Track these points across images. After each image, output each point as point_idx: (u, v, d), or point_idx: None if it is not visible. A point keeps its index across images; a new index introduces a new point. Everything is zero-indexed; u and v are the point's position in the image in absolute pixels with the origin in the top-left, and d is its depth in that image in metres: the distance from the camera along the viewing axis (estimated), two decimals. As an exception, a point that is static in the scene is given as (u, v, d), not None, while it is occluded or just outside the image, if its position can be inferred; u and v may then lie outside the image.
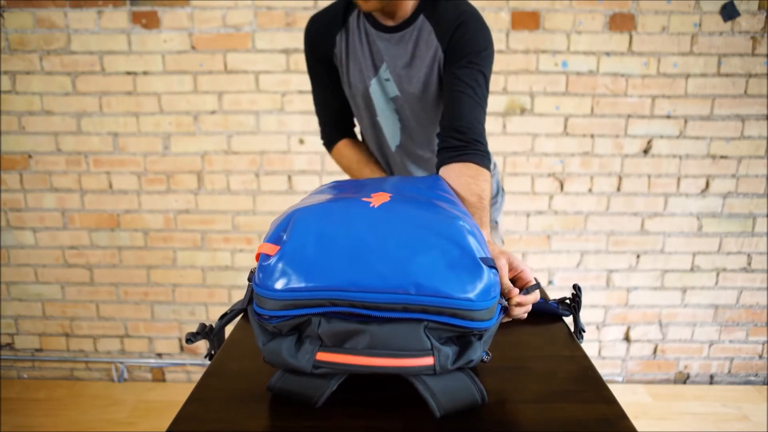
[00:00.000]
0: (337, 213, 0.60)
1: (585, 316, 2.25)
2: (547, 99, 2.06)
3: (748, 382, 2.32)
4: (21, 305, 2.29)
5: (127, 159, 2.13)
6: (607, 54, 2.02)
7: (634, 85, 2.04)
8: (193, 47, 2.03)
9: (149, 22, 2.01)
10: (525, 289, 0.74)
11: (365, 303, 0.55)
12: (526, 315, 0.75)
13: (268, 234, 0.61)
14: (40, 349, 2.34)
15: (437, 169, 1.03)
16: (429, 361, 0.56)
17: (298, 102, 2.06)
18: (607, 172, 2.12)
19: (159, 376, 2.35)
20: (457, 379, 0.59)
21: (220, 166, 2.13)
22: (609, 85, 2.05)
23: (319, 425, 0.59)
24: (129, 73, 2.06)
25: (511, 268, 0.77)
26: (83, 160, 2.14)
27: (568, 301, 0.86)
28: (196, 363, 2.33)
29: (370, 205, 0.62)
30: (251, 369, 0.70)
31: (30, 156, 2.14)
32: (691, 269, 2.21)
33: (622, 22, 1.99)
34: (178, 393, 2.25)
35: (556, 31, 2.00)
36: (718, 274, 2.22)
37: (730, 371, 2.31)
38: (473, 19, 1.03)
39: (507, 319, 0.74)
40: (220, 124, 2.09)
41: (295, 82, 2.05)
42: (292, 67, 2.04)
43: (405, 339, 0.56)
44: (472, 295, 0.56)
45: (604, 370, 2.31)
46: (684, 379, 2.33)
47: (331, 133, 1.24)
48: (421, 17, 1.06)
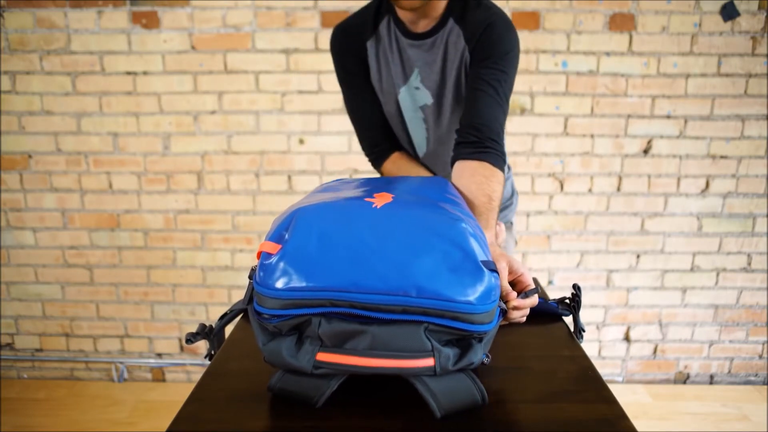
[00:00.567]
0: (339, 212, 0.60)
1: (585, 316, 2.25)
2: (547, 99, 2.06)
3: (748, 382, 2.32)
4: (21, 305, 2.29)
5: (127, 159, 2.13)
6: (607, 54, 2.02)
7: (634, 85, 2.04)
8: (193, 47, 2.03)
9: (149, 22, 2.01)
10: (524, 292, 0.74)
11: (365, 304, 0.55)
12: (524, 319, 0.75)
13: (270, 232, 0.61)
14: (40, 349, 2.34)
15: (452, 163, 1.02)
16: (429, 362, 0.56)
17: (298, 102, 2.06)
18: (607, 172, 2.12)
19: (159, 376, 2.35)
20: (458, 380, 0.59)
21: (220, 166, 2.13)
22: (609, 85, 2.05)
23: (319, 425, 0.59)
24: (129, 73, 2.06)
25: (510, 271, 0.76)
26: (83, 160, 2.14)
27: (567, 301, 0.86)
28: (196, 363, 2.33)
29: (373, 205, 0.62)
30: (251, 369, 0.70)
31: (30, 156, 2.14)
32: (691, 269, 2.21)
33: (622, 22, 1.99)
34: (178, 393, 2.25)
35: (556, 31, 2.00)
36: (718, 274, 2.22)
37: (730, 371, 2.31)
38: (501, 20, 1.03)
39: (504, 323, 0.74)
40: (220, 124, 2.09)
41: (295, 82, 2.05)
42: (292, 67, 2.04)
43: (405, 340, 0.56)
44: (472, 298, 0.56)
45: (604, 370, 2.31)
46: (684, 379, 2.33)
47: (382, 145, 1.18)
48: (451, 21, 1.05)
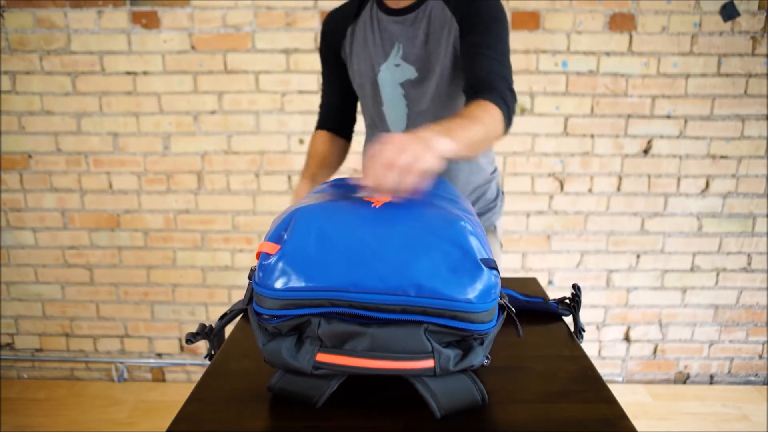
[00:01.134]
0: (338, 212, 0.60)
1: (585, 316, 2.25)
2: (547, 99, 2.06)
3: (748, 382, 2.32)
4: (21, 305, 2.29)
5: (127, 159, 2.13)
6: (607, 54, 2.02)
7: (634, 85, 2.04)
8: (193, 47, 2.03)
9: (149, 22, 2.01)
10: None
11: (364, 304, 0.55)
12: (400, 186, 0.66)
13: (269, 233, 0.61)
14: (40, 349, 2.34)
15: None
16: (429, 363, 0.56)
17: (298, 102, 2.06)
18: (607, 172, 2.12)
19: (159, 376, 2.35)
20: (458, 380, 0.59)
21: (220, 166, 2.13)
22: (609, 85, 2.05)
23: (319, 425, 0.59)
24: (129, 73, 2.06)
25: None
26: (83, 160, 2.14)
27: (567, 301, 0.86)
28: (196, 363, 2.33)
29: (372, 205, 0.62)
30: (251, 369, 0.70)
31: (30, 156, 2.14)
32: (691, 269, 2.21)
33: (622, 22, 1.99)
34: (178, 393, 2.25)
35: (556, 31, 2.00)
36: (718, 274, 2.22)
37: (730, 371, 2.31)
38: None
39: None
40: (220, 124, 2.09)
41: (295, 82, 2.05)
42: (292, 67, 2.04)
43: (405, 341, 0.56)
44: (472, 296, 0.55)
45: (604, 370, 2.31)
46: (684, 379, 2.33)
47: (320, 121, 1.26)
48: None
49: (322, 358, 0.57)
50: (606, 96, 2.05)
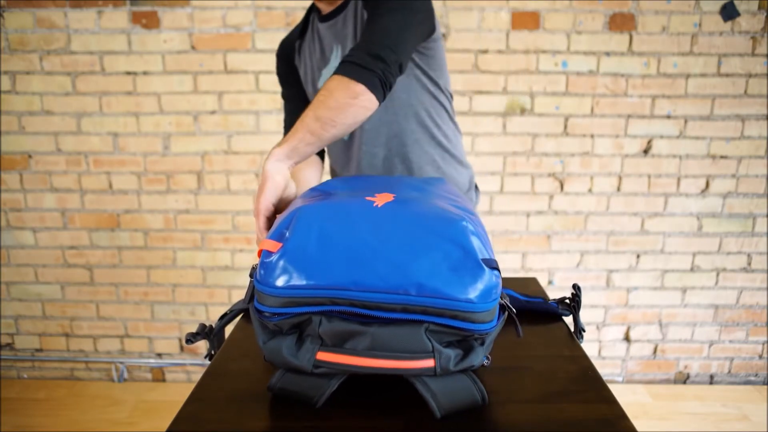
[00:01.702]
0: (340, 212, 0.60)
1: (585, 316, 2.25)
2: (547, 99, 2.06)
3: (748, 382, 2.32)
4: (21, 305, 2.29)
5: (127, 159, 2.13)
6: (607, 54, 2.02)
7: (634, 85, 2.04)
8: (193, 47, 2.03)
9: (149, 22, 2.01)
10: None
11: (365, 302, 0.55)
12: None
13: (271, 231, 0.61)
14: (40, 349, 2.34)
15: None
16: (430, 363, 0.56)
17: (298, 102, 2.06)
18: (607, 172, 2.12)
19: (159, 376, 2.35)
20: (458, 380, 0.59)
21: (220, 166, 2.13)
22: (609, 85, 2.05)
23: (319, 425, 0.59)
24: (129, 73, 2.06)
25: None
26: (83, 160, 2.14)
27: (567, 301, 0.86)
28: (196, 363, 2.33)
29: (374, 204, 0.62)
30: (251, 369, 0.70)
31: (30, 156, 2.14)
32: (691, 269, 2.21)
33: (622, 22, 1.99)
34: (178, 393, 2.25)
35: (556, 31, 2.00)
36: (718, 274, 2.22)
37: (730, 371, 2.31)
38: None
39: None
40: (220, 124, 2.09)
41: (295, 82, 2.05)
42: (292, 67, 2.04)
43: (406, 341, 0.56)
44: (473, 296, 0.56)
45: (604, 370, 2.31)
46: (684, 379, 2.33)
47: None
48: None
49: (323, 356, 0.58)
50: (606, 96, 2.05)
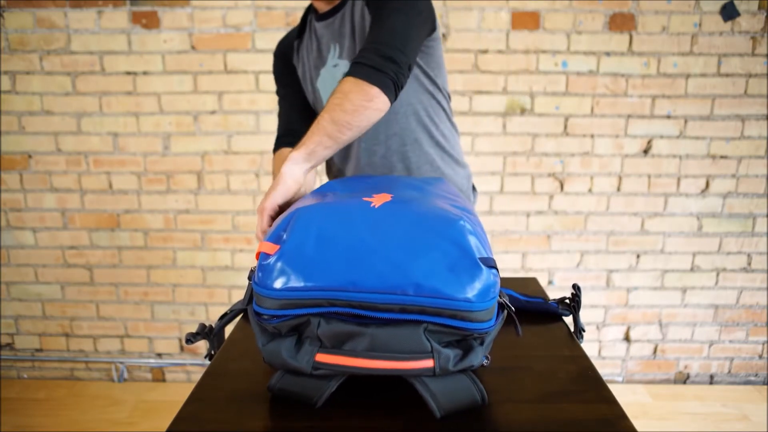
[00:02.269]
0: (338, 213, 0.60)
1: (585, 316, 2.25)
2: (547, 99, 2.06)
3: (748, 382, 2.32)
4: (21, 305, 2.29)
5: (127, 159, 2.13)
6: (607, 54, 2.02)
7: (634, 85, 2.04)
8: (193, 47, 2.03)
9: (149, 22, 2.01)
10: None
11: (363, 303, 0.55)
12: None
13: (269, 233, 0.61)
14: (40, 349, 2.34)
15: None
16: (429, 363, 0.56)
17: (298, 102, 2.06)
18: (607, 172, 2.12)
19: (159, 376, 2.35)
20: (458, 380, 0.59)
21: (220, 166, 2.13)
22: (609, 85, 2.05)
23: (319, 425, 0.59)
24: (129, 73, 2.06)
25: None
26: (83, 160, 2.14)
27: (567, 300, 0.86)
28: (196, 363, 2.33)
29: (371, 205, 0.62)
30: (251, 369, 0.70)
31: (30, 156, 2.14)
32: (691, 269, 2.21)
33: (622, 22, 1.99)
34: (178, 393, 2.25)
35: (556, 31, 2.00)
36: (718, 274, 2.22)
37: (730, 371, 2.31)
38: None
39: None
40: (220, 124, 2.09)
41: (295, 82, 2.05)
42: (292, 67, 2.04)
43: (405, 341, 0.56)
44: (471, 295, 0.56)
45: (604, 370, 2.31)
46: (684, 379, 2.33)
47: (279, 140, 1.22)
48: None
49: (322, 358, 0.58)
50: (606, 96, 2.05)
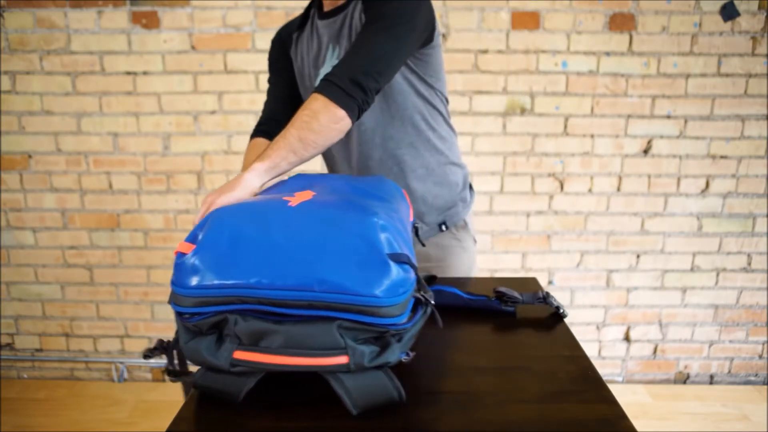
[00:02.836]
0: (253, 212, 0.63)
1: (585, 316, 2.25)
2: (547, 99, 2.06)
3: (748, 382, 2.32)
4: (21, 305, 2.29)
5: (127, 159, 2.13)
6: (607, 54, 2.02)
7: (634, 85, 2.04)
8: (193, 47, 2.03)
9: (149, 22, 2.01)
10: None
11: (272, 300, 0.57)
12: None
13: (188, 234, 0.63)
14: (40, 349, 2.34)
15: None
16: (343, 359, 0.57)
17: (298, 102, 2.06)
18: (607, 172, 2.12)
19: (159, 376, 2.35)
20: (374, 378, 0.60)
21: (220, 166, 2.13)
22: (609, 85, 2.05)
23: (319, 425, 0.59)
24: (129, 73, 2.06)
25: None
26: (83, 160, 2.14)
27: (506, 299, 0.86)
28: (196, 363, 2.33)
29: (288, 203, 0.64)
30: (251, 369, 0.70)
31: (30, 156, 2.14)
32: (691, 269, 2.21)
33: (622, 22, 1.99)
34: (178, 393, 2.25)
35: (556, 31, 2.00)
36: (718, 274, 2.22)
37: (730, 371, 2.31)
38: None
39: None
40: (220, 124, 2.09)
41: (295, 82, 2.05)
42: (292, 67, 2.04)
43: (319, 338, 0.57)
44: (378, 291, 0.56)
45: (604, 370, 2.31)
46: (684, 379, 2.33)
47: (259, 126, 1.22)
48: None
49: (239, 355, 0.59)
50: (606, 96, 2.05)
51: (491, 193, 2.14)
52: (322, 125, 0.90)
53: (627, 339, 2.29)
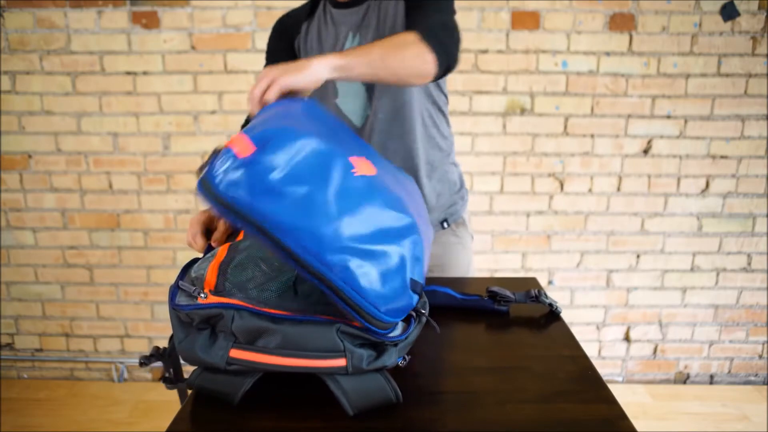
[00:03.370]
0: (321, 158, 0.57)
1: (585, 316, 2.25)
2: (547, 99, 2.06)
3: (748, 382, 2.32)
4: (21, 305, 2.29)
5: (127, 159, 2.13)
6: (607, 54, 2.02)
7: (634, 85, 2.04)
8: (193, 47, 2.03)
9: (149, 22, 2.01)
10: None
11: (285, 247, 0.53)
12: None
13: (255, 130, 0.57)
14: (40, 349, 2.34)
15: None
16: (341, 362, 0.57)
17: (298, 102, 2.06)
18: (607, 172, 2.12)
19: (159, 376, 2.35)
20: (372, 379, 0.60)
21: (220, 166, 2.13)
22: (609, 85, 2.04)
23: (319, 426, 0.59)
24: (129, 73, 2.05)
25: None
26: (83, 160, 2.14)
27: (499, 298, 0.86)
28: (196, 363, 2.33)
29: (353, 171, 0.59)
30: (251, 369, 0.70)
31: (30, 156, 2.14)
32: (691, 269, 2.21)
33: (622, 22, 1.99)
34: (177, 393, 2.24)
35: (556, 31, 2.00)
36: (718, 274, 2.22)
37: (730, 371, 2.31)
38: None
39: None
40: (220, 124, 2.09)
41: (295, 82, 2.05)
42: (292, 67, 2.04)
43: (317, 340, 0.57)
44: (383, 308, 0.56)
45: (604, 370, 2.31)
46: (684, 379, 2.33)
47: (249, 117, 1.21)
48: None
49: (236, 354, 0.58)
50: (606, 96, 2.05)
51: (491, 193, 2.14)
52: (407, 57, 0.86)
53: (627, 339, 2.29)
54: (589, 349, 2.27)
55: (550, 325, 0.84)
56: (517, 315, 0.87)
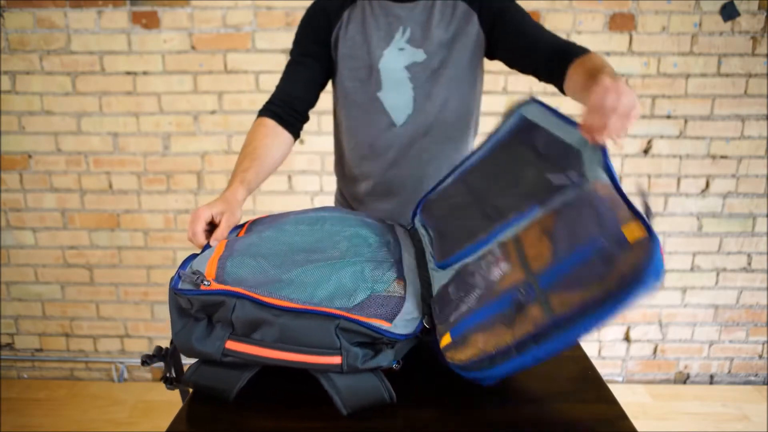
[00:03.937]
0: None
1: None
2: (547, 99, 2.04)
3: (748, 382, 2.32)
4: (21, 305, 2.29)
5: (127, 159, 2.13)
6: (607, 54, 2.02)
7: (634, 85, 2.04)
8: (193, 47, 2.03)
9: (149, 22, 2.01)
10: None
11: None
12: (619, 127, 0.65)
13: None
14: (40, 349, 2.34)
15: (563, 76, 1.01)
16: (336, 360, 0.57)
17: (298, 102, 2.06)
18: (607, 172, 2.12)
19: (159, 376, 2.35)
20: (365, 379, 0.60)
21: (220, 166, 2.13)
22: (609, 85, 2.04)
23: (319, 426, 0.59)
24: (129, 73, 2.05)
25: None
26: (83, 160, 2.13)
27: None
28: (196, 363, 2.33)
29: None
30: (251, 369, 0.70)
31: (30, 156, 2.14)
32: (691, 269, 2.21)
33: (622, 22, 1.99)
34: (177, 393, 2.24)
35: (556, 31, 1.98)
36: (718, 274, 2.21)
37: (730, 371, 2.31)
38: None
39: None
40: (220, 124, 2.09)
41: (295, 82, 2.05)
42: (292, 67, 2.04)
43: (314, 335, 0.57)
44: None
45: (604, 370, 2.31)
46: (684, 379, 2.33)
47: (268, 105, 1.17)
48: None
49: (232, 345, 0.58)
50: (606, 96, 2.05)
51: (491, 193, 2.14)
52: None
53: (627, 339, 2.29)
54: (589, 349, 2.27)
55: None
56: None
